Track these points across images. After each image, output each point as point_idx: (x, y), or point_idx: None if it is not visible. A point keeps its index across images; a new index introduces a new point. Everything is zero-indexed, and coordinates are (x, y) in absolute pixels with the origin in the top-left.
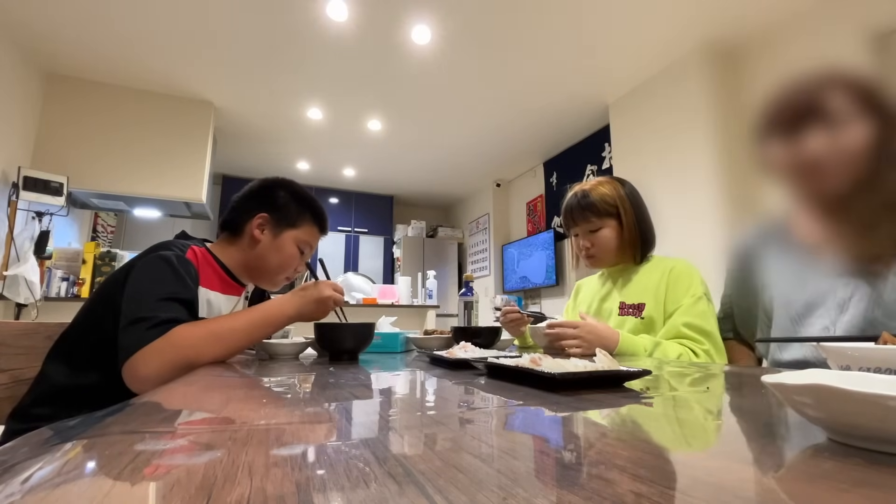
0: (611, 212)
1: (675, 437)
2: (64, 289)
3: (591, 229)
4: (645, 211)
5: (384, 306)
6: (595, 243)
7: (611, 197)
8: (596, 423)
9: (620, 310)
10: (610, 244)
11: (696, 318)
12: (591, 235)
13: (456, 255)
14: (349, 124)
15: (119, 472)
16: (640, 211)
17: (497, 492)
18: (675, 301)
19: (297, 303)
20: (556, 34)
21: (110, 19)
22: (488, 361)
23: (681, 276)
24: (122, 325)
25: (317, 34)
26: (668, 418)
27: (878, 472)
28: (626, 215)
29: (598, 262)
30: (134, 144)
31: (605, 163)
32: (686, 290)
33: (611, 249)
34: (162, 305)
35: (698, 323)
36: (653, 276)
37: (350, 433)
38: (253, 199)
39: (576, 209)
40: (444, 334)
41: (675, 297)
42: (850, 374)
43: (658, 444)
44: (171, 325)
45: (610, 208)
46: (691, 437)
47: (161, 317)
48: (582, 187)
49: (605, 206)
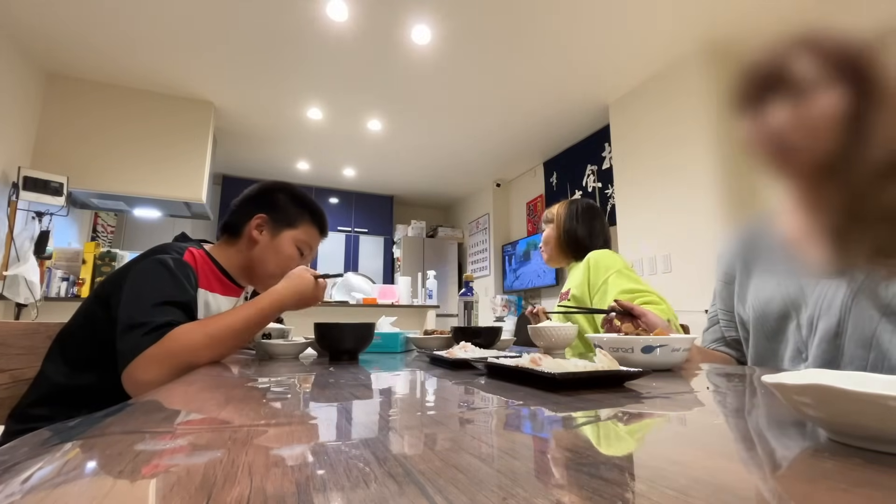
0: (549, 219)
1: (674, 436)
2: (64, 289)
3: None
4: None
5: (384, 306)
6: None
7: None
8: (596, 423)
9: (560, 298)
10: (548, 243)
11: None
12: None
13: (456, 255)
14: (349, 124)
15: (119, 472)
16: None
17: (497, 492)
18: (597, 277)
19: (281, 287)
20: (557, 34)
21: (110, 19)
22: (488, 361)
23: (599, 260)
24: (120, 331)
25: (317, 34)
26: (667, 418)
27: (878, 472)
28: (559, 221)
29: (547, 260)
30: (134, 144)
31: (605, 163)
32: (605, 270)
33: (550, 248)
34: (157, 310)
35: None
36: (579, 267)
37: (350, 433)
38: (252, 202)
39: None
40: (444, 334)
41: (596, 276)
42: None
43: (658, 444)
44: (167, 330)
45: (549, 216)
46: (691, 436)
47: (157, 321)
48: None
49: (548, 215)
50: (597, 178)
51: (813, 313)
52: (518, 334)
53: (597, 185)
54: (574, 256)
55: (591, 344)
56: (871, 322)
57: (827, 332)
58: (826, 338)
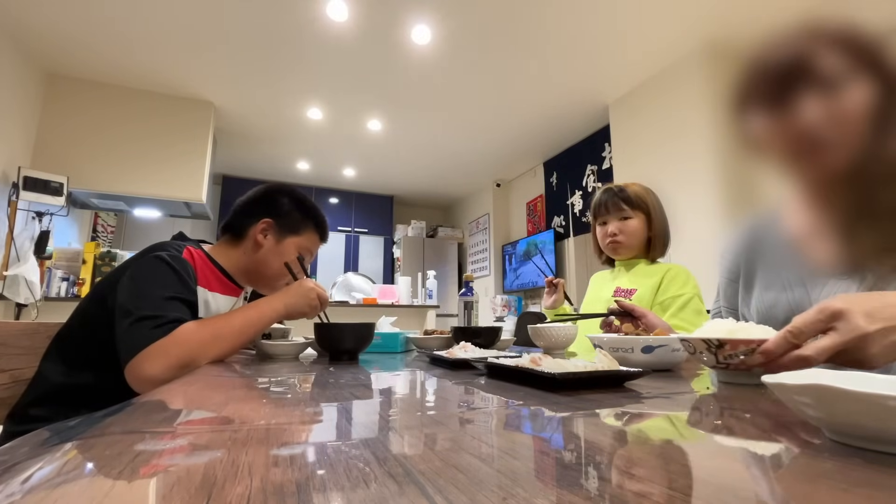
0: (642, 206)
1: (674, 436)
2: (64, 289)
3: (622, 216)
4: (665, 218)
5: (384, 306)
6: (623, 231)
7: (643, 195)
8: (596, 423)
9: (614, 293)
10: (636, 234)
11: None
12: (621, 223)
13: (456, 255)
14: (349, 124)
15: (119, 472)
16: (664, 215)
17: (497, 492)
18: (666, 292)
19: (283, 297)
20: (557, 34)
21: (110, 19)
22: (488, 361)
23: (678, 274)
24: (126, 324)
25: (317, 34)
26: (667, 418)
27: (878, 472)
28: (655, 213)
29: (620, 250)
30: (134, 144)
31: (605, 163)
32: (681, 286)
33: (636, 239)
34: (167, 305)
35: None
36: (652, 268)
37: (350, 433)
38: (257, 205)
39: (611, 199)
40: (444, 334)
41: (669, 290)
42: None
43: (658, 444)
44: (176, 325)
45: (642, 203)
46: (691, 436)
47: (168, 316)
48: (617, 184)
49: (638, 200)
50: (597, 178)
51: None
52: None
53: (597, 185)
54: (650, 252)
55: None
56: None
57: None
58: None
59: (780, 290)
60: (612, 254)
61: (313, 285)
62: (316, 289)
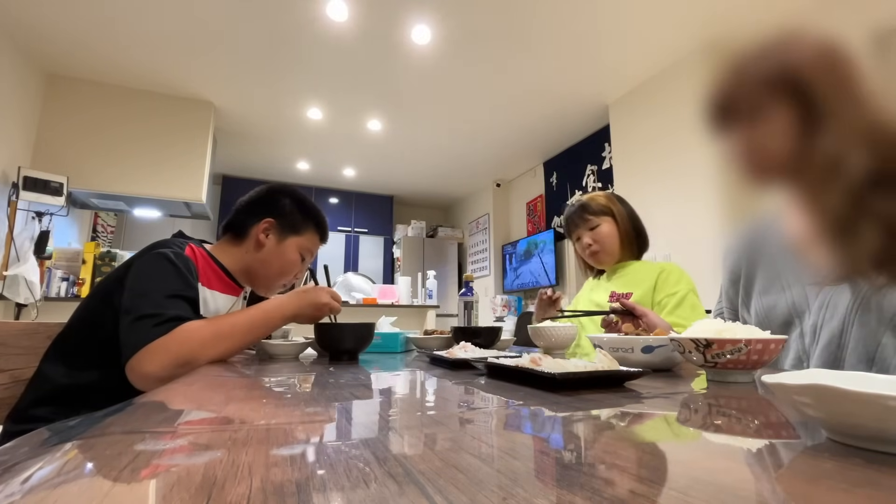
0: (606, 211)
1: (674, 436)
2: (64, 289)
3: (590, 227)
4: (635, 213)
5: (384, 306)
6: (597, 239)
7: (603, 199)
8: (596, 423)
9: (610, 297)
10: (610, 237)
11: (680, 319)
12: (592, 233)
13: (456, 255)
14: (349, 124)
15: (119, 472)
16: (631, 211)
17: (497, 492)
18: (661, 292)
19: (296, 303)
20: (557, 34)
21: (110, 19)
22: (488, 361)
23: (671, 273)
24: (127, 322)
25: (317, 34)
26: (667, 418)
27: (878, 472)
28: (619, 213)
29: (602, 258)
30: (134, 144)
31: (605, 163)
32: (675, 284)
33: (612, 243)
34: (168, 303)
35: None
36: (645, 270)
37: (350, 433)
38: (259, 205)
39: (574, 214)
40: (444, 334)
41: (664, 290)
42: (850, 373)
43: (658, 444)
44: (178, 323)
45: (604, 208)
46: (691, 436)
47: (168, 314)
48: (577, 198)
49: (598, 206)
50: (597, 178)
51: (816, 321)
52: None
53: (597, 185)
54: (632, 250)
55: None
56: (874, 336)
57: (829, 342)
58: (828, 348)
59: (780, 292)
60: (596, 263)
61: (328, 300)
62: (330, 304)
